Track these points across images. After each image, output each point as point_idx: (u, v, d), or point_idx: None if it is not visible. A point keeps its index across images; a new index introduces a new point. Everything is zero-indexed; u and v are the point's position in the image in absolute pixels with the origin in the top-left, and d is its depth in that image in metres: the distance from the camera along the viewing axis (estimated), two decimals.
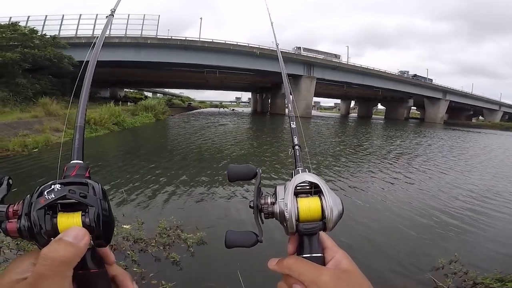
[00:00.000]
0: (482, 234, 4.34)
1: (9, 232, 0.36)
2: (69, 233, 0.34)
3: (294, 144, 0.62)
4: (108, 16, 0.72)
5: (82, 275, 0.36)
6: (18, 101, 14.65)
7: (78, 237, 0.34)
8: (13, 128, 9.85)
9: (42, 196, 0.35)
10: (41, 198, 0.35)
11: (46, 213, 0.35)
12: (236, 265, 2.98)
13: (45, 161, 7.48)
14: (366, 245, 3.73)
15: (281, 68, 0.82)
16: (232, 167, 0.50)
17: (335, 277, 0.40)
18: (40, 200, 0.35)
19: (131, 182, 5.96)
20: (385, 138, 18.46)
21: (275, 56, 17.57)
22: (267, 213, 0.47)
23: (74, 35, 26.40)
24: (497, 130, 40.72)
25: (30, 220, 0.35)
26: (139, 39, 28.83)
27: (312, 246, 0.45)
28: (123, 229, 3.34)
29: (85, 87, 0.51)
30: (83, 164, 0.42)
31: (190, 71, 38.03)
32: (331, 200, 0.45)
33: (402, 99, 56.00)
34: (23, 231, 0.35)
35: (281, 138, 15.47)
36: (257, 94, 66.83)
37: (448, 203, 5.61)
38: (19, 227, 0.35)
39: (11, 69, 15.90)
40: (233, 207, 4.85)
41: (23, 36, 17.05)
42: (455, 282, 2.90)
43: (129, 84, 55.88)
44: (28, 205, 0.36)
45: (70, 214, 0.36)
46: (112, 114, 15.67)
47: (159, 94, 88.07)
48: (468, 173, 8.65)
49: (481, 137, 25.26)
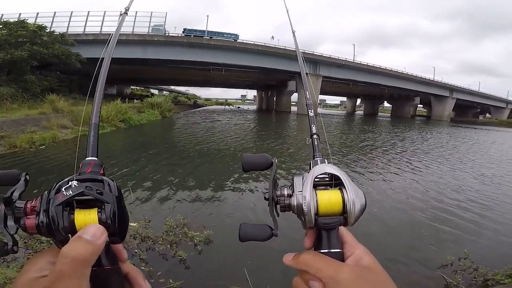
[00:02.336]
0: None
1: (28, 228, 0.36)
2: (87, 231, 0.34)
3: (312, 133, 0.59)
4: (122, 14, 0.72)
5: (97, 271, 0.36)
6: (26, 98, 14.82)
7: (96, 235, 0.34)
8: (21, 125, 9.96)
9: (60, 192, 0.35)
10: (59, 194, 0.35)
11: (64, 210, 0.35)
12: (243, 263, 2.97)
13: (52, 158, 7.54)
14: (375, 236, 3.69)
15: (297, 53, 0.80)
16: (247, 156, 0.48)
17: (355, 274, 0.38)
18: (58, 196, 0.35)
19: (138, 179, 5.97)
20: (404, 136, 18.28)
21: (280, 53, 17.90)
22: (284, 205, 0.44)
23: (82, 32, 26.56)
24: (504, 127, 39.90)
25: (48, 216, 0.35)
26: (146, 37, 28.94)
27: (331, 241, 0.43)
28: (131, 227, 3.33)
29: (99, 85, 0.50)
30: (98, 161, 0.42)
31: (195, 69, 38.09)
32: (353, 193, 0.42)
33: (409, 97, 55.47)
34: (41, 227, 0.35)
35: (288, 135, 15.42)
36: (262, 92, 66.72)
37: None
38: (38, 223, 0.35)
39: (20, 65, 16.08)
40: (241, 205, 4.84)
41: (32, 33, 17.20)
42: (465, 279, 2.86)
43: (136, 81, 56.12)
44: (46, 202, 0.36)
45: (87, 210, 0.36)
46: (119, 111, 15.76)
47: (165, 91, 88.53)
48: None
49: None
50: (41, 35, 17.80)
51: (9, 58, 15.32)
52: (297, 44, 0.90)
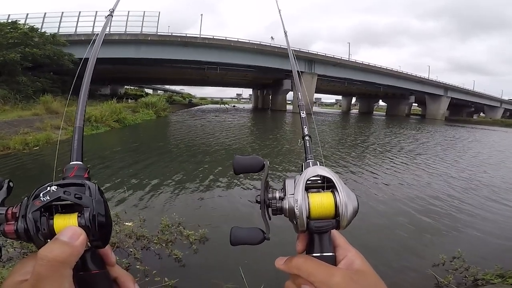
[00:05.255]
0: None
1: (7, 234, 0.36)
2: (64, 233, 0.34)
3: (304, 135, 0.58)
4: (107, 16, 0.71)
5: (83, 276, 0.36)
6: (19, 99, 14.65)
7: (73, 237, 0.34)
8: (14, 126, 9.86)
9: (38, 198, 0.35)
10: (36, 200, 0.35)
11: (42, 215, 0.35)
12: (239, 261, 2.99)
13: (46, 159, 7.49)
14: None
15: (289, 53, 0.81)
16: (238, 158, 0.47)
17: (347, 278, 0.38)
18: (36, 202, 0.35)
19: (133, 179, 5.95)
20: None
21: (276, 52, 17.74)
22: (275, 209, 0.44)
23: (74, 33, 26.29)
24: (497, 127, 40.09)
25: (26, 222, 0.35)
26: (139, 36, 28.70)
27: (323, 244, 0.42)
28: (126, 226, 3.34)
29: (84, 87, 0.50)
30: (82, 165, 0.42)
31: (190, 68, 37.88)
32: (345, 195, 0.41)
33: (404, 96, 55.69)
34: (20, 233, 0.35)
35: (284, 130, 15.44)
36: (258, 90, 66.57)
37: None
38: (16, 229, 0.35)
39: (12, 67, 15.89)
40: (236, 204, 4.85)
41: (23, 35, 17.00)
42: (456, 278, 2.89)
43: (130, 81, 55.70)
44: (25, 207, 0.36)
45: (67, 215, 0.36)
46: (113, 111, 15.61)
47: (159, 91, 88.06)
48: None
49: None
50: (32, 37, 17.60)
51: (0, 60, 15.13)
52: (289, 44, 0.90)
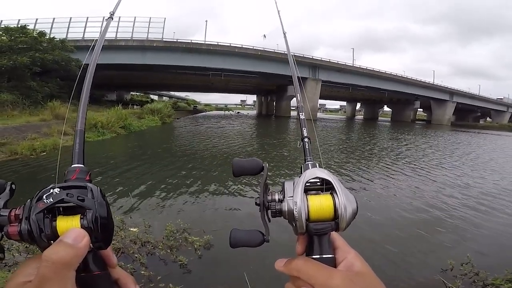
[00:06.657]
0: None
1: (11, 235, 0.36)
2: (68, 235, 0.35)
3: (303, 137, 0.58)
4: (107, 18, 0.72)
5: (85, 277, 0.37)
6: (27, 104, 14.86)
7: (77, 239, 0.34)
8: (22, 132, 10.01)
9: (41, 200, 0.36)
10: (40, 202, 0.36)
11: (45, 217, 0.36)
12: (244, 267, 2.98)
13: (52, 166, 7.56)
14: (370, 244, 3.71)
15: (288, 55, 0.80)
16: (237, 161, 0.48)
17: (347, 280, 0.38)
18: (39, 204, 0.36)
19: (138, 185, 5.98)
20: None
21: (279, 58, 17.67)
22: (275, 211, 0.44)
23: (81, 38, 26.67)
24: (505, 131, 39.54)
25: (29, 223, 0.35)
26: (145, 42, 29.04)
27: (323, 246, 0.43)
28: (131, 232, 3.35)
29: (84, 91, 0.50)
30: (83, 168, 0.42)
31: (195, 74, 38.17)
32: (344, 197, 0.41)
33: (409, 101, 55.35)
34: (23, 234, 0.36)
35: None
36: (262, 96, 66.84)
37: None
38: (20, 231, 0.36)
39: (21, 72, 16.16)
40: (240, 210, 4.84)
41: (33, 40, 17.32)
42: (464, 284, 2.83)
43: (135, 87, 56.30)
44: (28, 209, 0.36)
45: (70, 217, 0.37)
46: (120, 117, 15.75)
47: (164, 97, 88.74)
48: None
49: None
50: (41, 41, 17.92)
51: (11, 64, 15.40)
52: (288, 45, 0.90)
